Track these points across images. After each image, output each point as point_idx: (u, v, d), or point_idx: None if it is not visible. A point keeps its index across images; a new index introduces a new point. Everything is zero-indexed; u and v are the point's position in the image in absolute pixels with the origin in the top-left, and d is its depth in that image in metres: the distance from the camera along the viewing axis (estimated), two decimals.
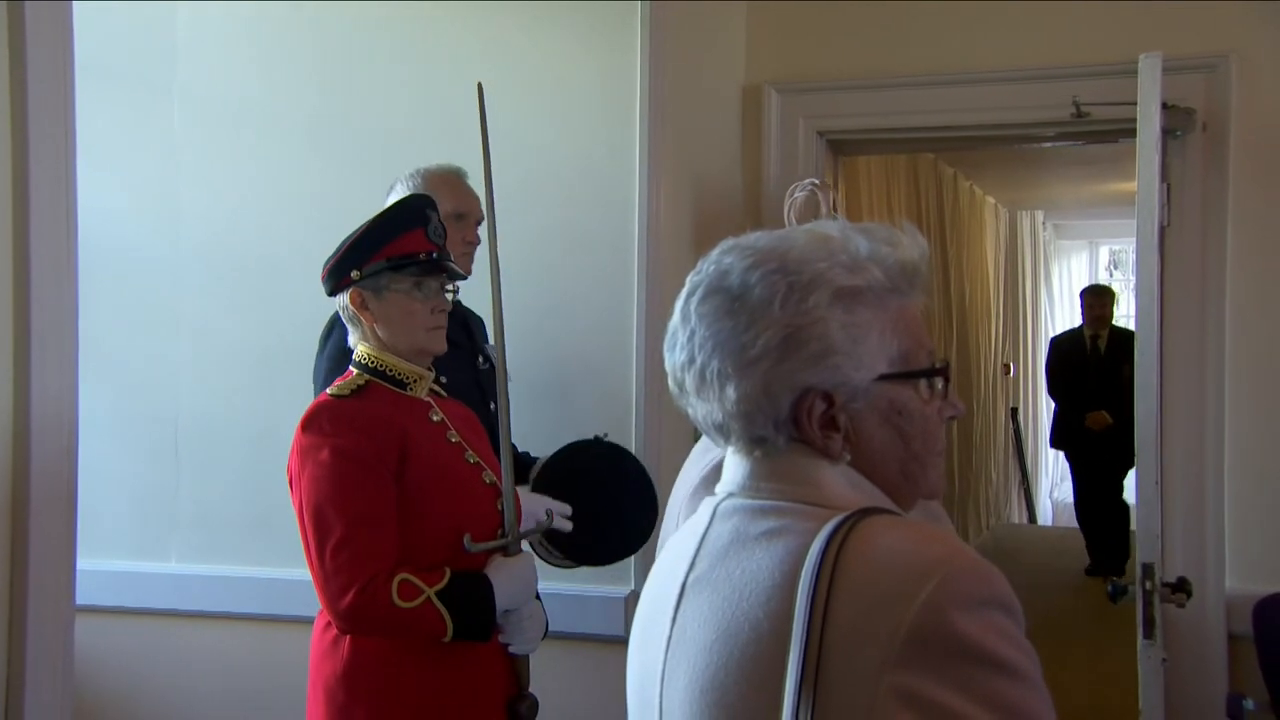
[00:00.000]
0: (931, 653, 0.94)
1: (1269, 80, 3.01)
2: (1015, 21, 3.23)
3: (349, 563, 1.92)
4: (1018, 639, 0.97)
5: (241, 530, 3.12)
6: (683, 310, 1.13)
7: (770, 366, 1.06)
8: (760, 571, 1.04)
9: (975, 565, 0.98)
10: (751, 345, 1.06)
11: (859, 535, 1.00)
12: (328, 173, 3.08)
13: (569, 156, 2.96)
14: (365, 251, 2.05)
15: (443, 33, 3.06)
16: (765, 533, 1.07)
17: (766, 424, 1.08)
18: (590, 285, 2.95)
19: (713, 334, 1.09)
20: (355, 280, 2.05)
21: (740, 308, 1.07)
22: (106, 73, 3.20)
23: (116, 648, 3.19)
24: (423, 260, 2.06)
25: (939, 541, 1.00)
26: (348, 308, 2.09)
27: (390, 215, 2.10)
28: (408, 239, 2.06)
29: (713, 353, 1.09)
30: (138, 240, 3.22)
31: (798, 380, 1.06)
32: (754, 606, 1.03)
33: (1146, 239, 2.63)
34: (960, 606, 0.95)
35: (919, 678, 0.93)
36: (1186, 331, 3.04)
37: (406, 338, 2.08)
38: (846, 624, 0.96)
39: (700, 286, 1.12)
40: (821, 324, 1.06)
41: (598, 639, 2.81)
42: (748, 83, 3.48)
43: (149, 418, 3.21)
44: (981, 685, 0.93)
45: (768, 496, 1.10)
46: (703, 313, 1.10)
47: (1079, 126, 3.16)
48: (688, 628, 1.09)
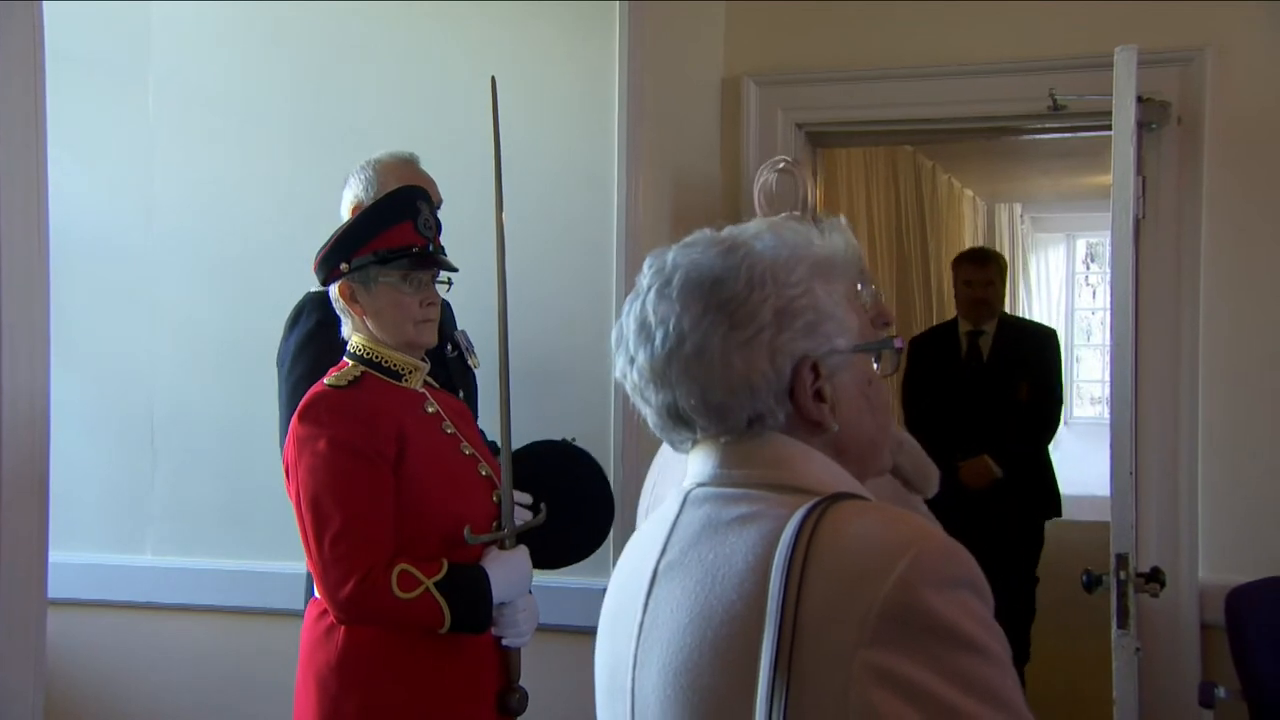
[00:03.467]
0: (904, 631, 0.95)
1: (1243, 74, 3.02)
2: (993, 14, 3.24)
3: (348, 553, 1.93)
4: (987, 620, 0.99)
5: (218, 522, 3.11)
6: (656, 300, 1.12)
7: (771, 337, 1.08)
8: (734, 555, 1.05)
9: (946, 545, 1.00)
10: (750, 319, 1.08)
11: (831, 518, 1.02)
12: (304, 163, 3.07)
13: (548, 149, 2.96)
14: (354, 244, 2.05)
15: (421, 26, 3.05)
16: (738, 518, 1.08)
17: (768, 397, 1.09)
18: (570, 277, 2.95)
19: (706, 312, 1.09)
20: (344, 273, 2.05)
21: (729, 287, 1.09)
22: (80, 61, 3.17)
23: (91, 641, 3.17)
24: (414, 254, 2.06)
25: (909, 523, 1.02)
26: (339, 300, 2.09)
27: (379, 208, 2.10)
28: (396, 232, 2.06)
29: (710, 330, 1.08)
30: (112, 229, 3.20)
31: (796, 349, 1.09)
32: (728, 589, 1.04)
33: (1122, 232, 2.65)
34: (932, 585, 0.96)
35: (892, 655, 0.94)
36: (1161, 322, 3.06)
37: (395, 330, 2.08)
38: (820, 604, 0.98)
39: (676, 274, 1.11)
40: (810, 294, 1.10)
41: (577, 630, 2.81)
42: (727, 75, 3.47)
43: (124, 408, 3.19)
44: (953, 663, 0.95)
45: (739, 482, 1.11)
46: (687, 296, 1.10)
47: (1055, 119, 3.17)
48: (660, 612, 1.09)
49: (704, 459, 1.14)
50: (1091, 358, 12.19)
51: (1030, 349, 4.38)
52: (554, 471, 2.44)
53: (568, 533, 2.45)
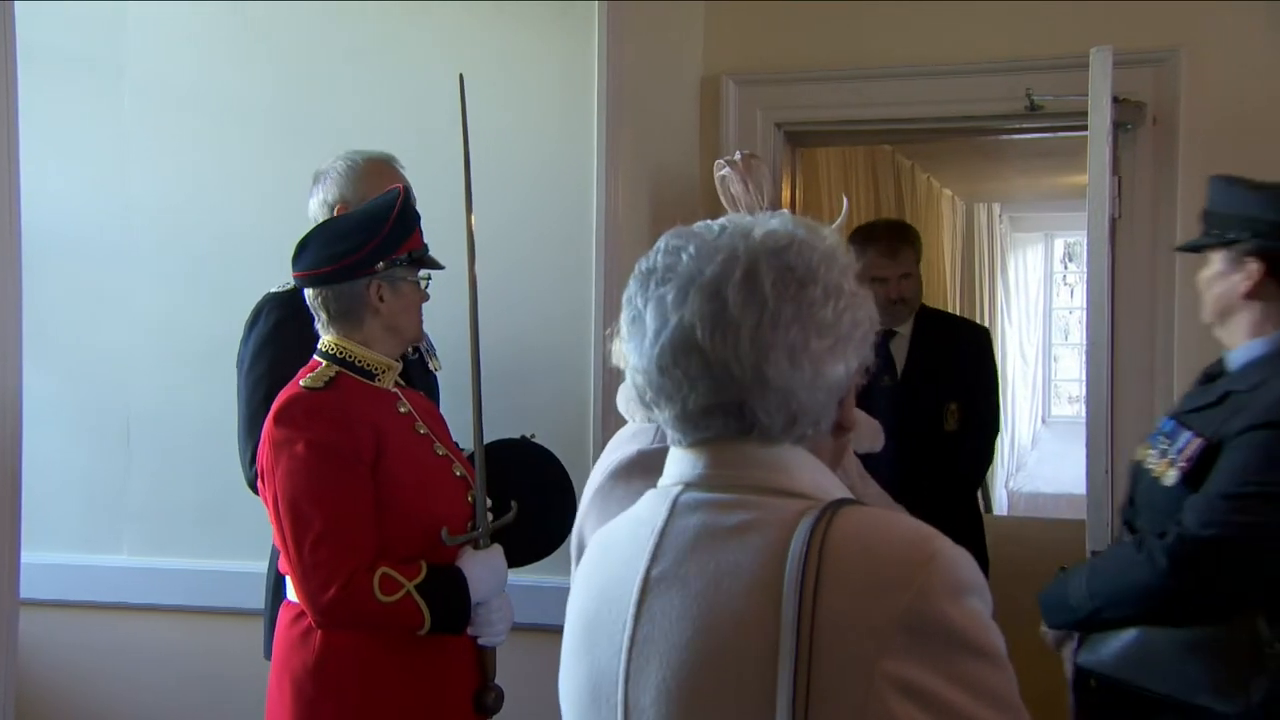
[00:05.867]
0: (921, 641, 0.96)
1: (1217, 74, 3.05)
2: (971, 14, 3.26)
3: (330, 558, 1.92)
4: (992, 624, 1.01)
5: (194, 522, 3.09)
6: (740, 287, 1.05)
7: (844, 345, 1.07)
8: (739, 566, 1.03)
9: (957, 554, 1.01)
10: (832, 327, 1.06)
11: (840, 526, 1.01)
12: (280, 161, 3.05)
13: (527, 148, 2.95)
14: (392, 245, 2.07)
15: (398, 25, 3.04)
16: (737, 525, 1.05)
17: (836, 402, 1.09)
18: (549, 276, 2.95)
19: (799, 314, 1.05)
20: (379, 272, 2.06)
21: (811, 292, 1.05)
22: (56, 59, 3.15)
23: (66, 642, 3.15)
24: (425, 255, 2.14)
25: (916, 531, 1.02)
26: (360, 296, 2.06)
27: (407, 211, 2.12)
28: (418, 234, 2.13)
29: (804, 332, 1.04)
30: (88, 228, 3.18)
31: (856, 359, 1.09)
32: (735, 601, 1.02)
33: (1097, 231, 2.67)
34: (948, 596, 0.98)
35: (912, 666, 0.96)
36: (1137, 321, 3.09)
37: (412, 329, 2.15)
38: (837, 615, 0.98)
39: (758, 264, 1.05)
40: (864, 305, 1.10)
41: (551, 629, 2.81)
42: (706, 74, 3.48)
43: (99, 407, 3.17)
44: (968, 673, 0.97)
45: (731, 485, 1.08)
46: (779, 294, 1.05)
47: (1032, 119, 3.20)
48: (657, 625, 1.06)
49: (693, 458, 1.11)
50: (1069, 357, 12.28)
51: (957, 354, 3.41)
52: (516, 469, 2.43)
53: (536, 527, 2.45)
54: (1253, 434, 1.89)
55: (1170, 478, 1.98)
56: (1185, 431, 2.01)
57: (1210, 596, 1.90)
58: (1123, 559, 2.00)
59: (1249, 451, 1.88)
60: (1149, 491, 2.06)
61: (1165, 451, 2.02)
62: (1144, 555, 1.93)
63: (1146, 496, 2.08)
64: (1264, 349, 2.03)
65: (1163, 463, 2.01)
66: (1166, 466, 2.00)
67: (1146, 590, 1.93)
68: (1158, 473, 2.02)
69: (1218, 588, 1.89)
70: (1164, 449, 2.03)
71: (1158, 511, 2.01)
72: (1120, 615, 1.99)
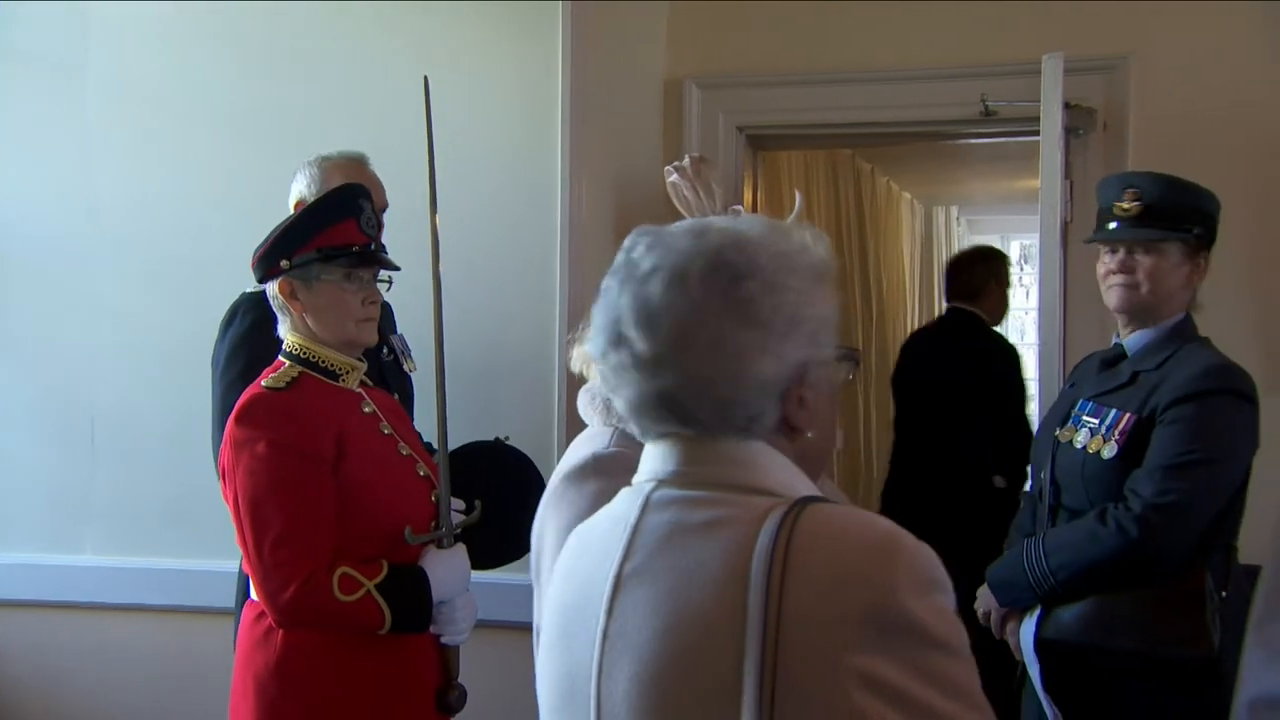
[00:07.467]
0: (888, 636, 0.98)
1: (1166, 80, 3.13)
2: (928, 21, 3.32)
3: (290, 558, 1.91)
4: (954, 617, 1.03)
5: (159, 521, 3.08)
6: (666, 285, 1.08)
7: (782, 341, 1.08)
8: (707, 562, 1.05)
9: (919, 549, 1.03)
10: (767, 320, 1.07)
11: (806, 523, 1.03)
12: (247, 160, 3.05)
13: (491, 150, 2.97)
14: (296, 240, 2.03)
15: (362, 26, 3.04)
16: (706, 522, 1.07)
17: (773, 398, 1.09)
18: (513, 277, 2.97)
19: (725, 308, 1.07)
20: (285, 270, 2.03)
21: (746, 287, 1.07)
22: (19, 59, 3.14)
23: (31, 642, 3.13)
24: (355, 252, 2.04)
25: (881, 526, 1.04)
26: (277, 296, 2.07)
27: (322, 205, 2.09)
28: (340, 229, 2.04)
29: (728, 326, 1.07)
30: (54, 227, 3.16)
31: (799, 355, 1.09)
32: (703, 596, 1.03)
33: (1049, 234, 2.73)
34: (911, 591, 0.99)
35: (875, 660, 0.97)
36: (1088, 323, 3.14)
37: (337, 329, 2.06)
38: (802, 610, 0.99)
39: (693, 264, 1.08)
40: (813, 301, 1.11)
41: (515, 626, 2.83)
42: (669, 77, 3.52)
43: (64, 406, 3.15)
44: (931, 666, 0.99)
45: (703, 481, 1.10)
46: (706, 288, 1.07)
47: (987, 124, 3.26)
48: (628, 620, 1.08)
49: (665, 454, 1.13)
50: (1026, 356, 12.37)
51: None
52: (488, 470, 2.44)
53: (508, 528, 2.46)
54: (1178, 408, 2.10)
55: (1109, 451, 2.14)
56: (1110, 410, 2.19)
57: (1175, 555, 2.06)
58: (1088, 532, 2.13)
59: (1181, 425, 2.09)
60: (1080, 467, 2.20)
61: (1095, 430, 2.19)
62: (1111, 527, 2.07)
63: (1076, 472, 2.21)
64: (1156, 332, 2.24)
65: (1095, 439, 2.18)
66: (1101, 443, 2.16)
67: (1119, 558, 2.07)
68: (1093, 449, 2.17)
69: (1182, 546, 2.06)
70: (1093, 428, 2.19)
71: (1093, 483, 2.17)
72: (1089, 585, 2.12)
